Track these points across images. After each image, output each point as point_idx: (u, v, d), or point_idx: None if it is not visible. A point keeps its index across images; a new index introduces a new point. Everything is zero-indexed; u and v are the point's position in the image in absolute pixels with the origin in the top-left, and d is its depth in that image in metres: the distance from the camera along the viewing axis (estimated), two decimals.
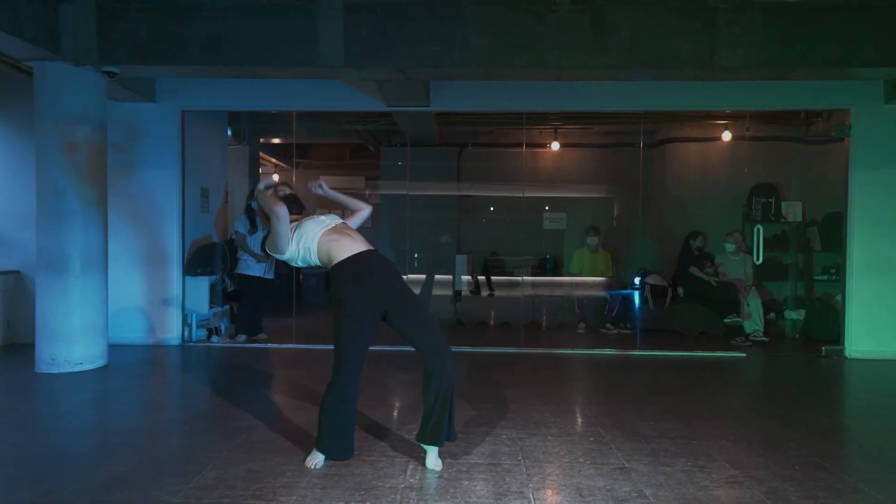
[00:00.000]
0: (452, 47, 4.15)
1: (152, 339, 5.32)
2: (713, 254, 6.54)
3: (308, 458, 2.48)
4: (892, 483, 2.39)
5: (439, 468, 2.40)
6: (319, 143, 9.88)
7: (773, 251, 6.75)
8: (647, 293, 6.61)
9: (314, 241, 2.48)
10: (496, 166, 7.45)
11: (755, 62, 4.06)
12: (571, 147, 7.73)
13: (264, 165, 9.32)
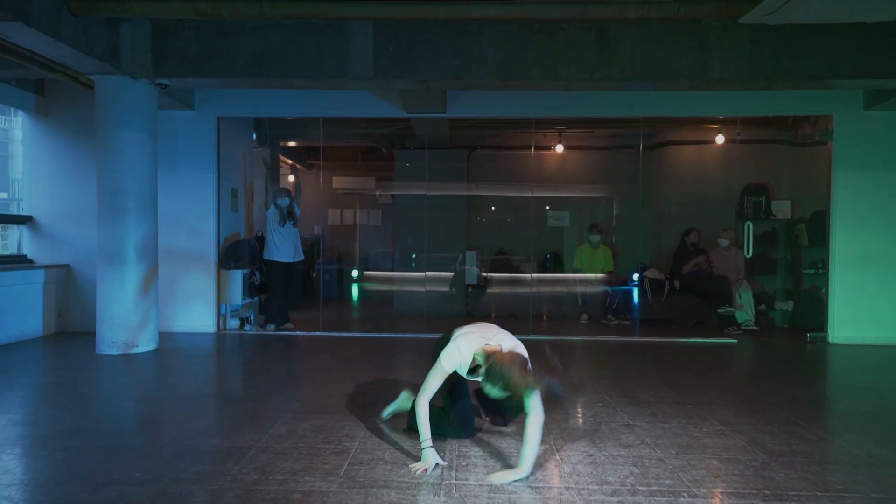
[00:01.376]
0: (471, 61, 4.61)
1: (190, 327, 5.77)
2: (707, 250, 7.01)
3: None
4: (856, 435, 2.84)
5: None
6: (332, 146, 10.35)
7: (764, 247, 7.24)
8: (646, 286, 7.08)
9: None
10: (504, 167, 7.93)
11: (745, 75, 4.53)
12: (575, 150, 8.19)
13: (282, 166, 9.80)
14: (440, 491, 2.13)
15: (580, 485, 2.18)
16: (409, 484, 2.18)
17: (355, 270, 9.96)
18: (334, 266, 10.07)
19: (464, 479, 2.23)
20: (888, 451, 2.63)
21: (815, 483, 2.23)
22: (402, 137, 8.00)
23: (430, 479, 2.21)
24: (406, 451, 2.51)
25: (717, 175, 7.48)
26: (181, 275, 5.82)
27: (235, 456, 2.45)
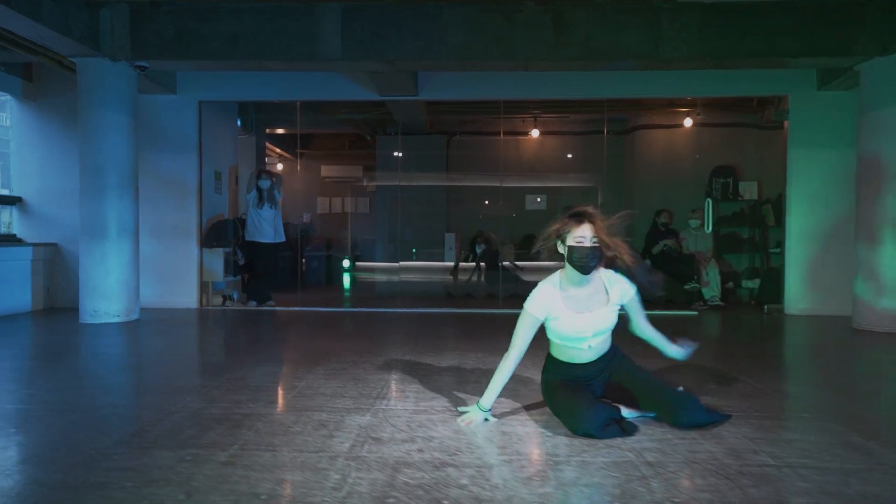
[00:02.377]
0: (433, 43, 4.83)
1: (173, 303, 6.02)
2: (678, 230, 7.23)
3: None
4: (788, 384, 3.07)
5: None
6: (320, 134, 10.58)
7: (732, 227, 7.45)
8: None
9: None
10: (482, 153, 8.15)
11: (694, 54, 4.74)
12: (550, 135, 8.40)
13: (269, 156, 10.04)
14: (367, 413, 2.37)
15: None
16: (343, 409, 2.42)
17: (347, 260, 10.13)
18: (323, 253, 10.29)
19: (393, 405, 2.47)
20: (792, 386, 2.86)
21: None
22: (382, 123, 8.23)
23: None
24: (347, 388, 2.75)
25: (688, 158, 7.69)
26: (165, 253, 6.07)
27: (189, 392, 2.69)
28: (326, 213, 11.09)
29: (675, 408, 2.10)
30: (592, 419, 2.03)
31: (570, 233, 2.17)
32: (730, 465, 1.84)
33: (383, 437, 2.07)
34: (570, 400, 2.13)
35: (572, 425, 2.08)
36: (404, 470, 1.78)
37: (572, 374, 2.25)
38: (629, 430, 2.09)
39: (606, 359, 2.29)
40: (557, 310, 2.19)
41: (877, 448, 2.01)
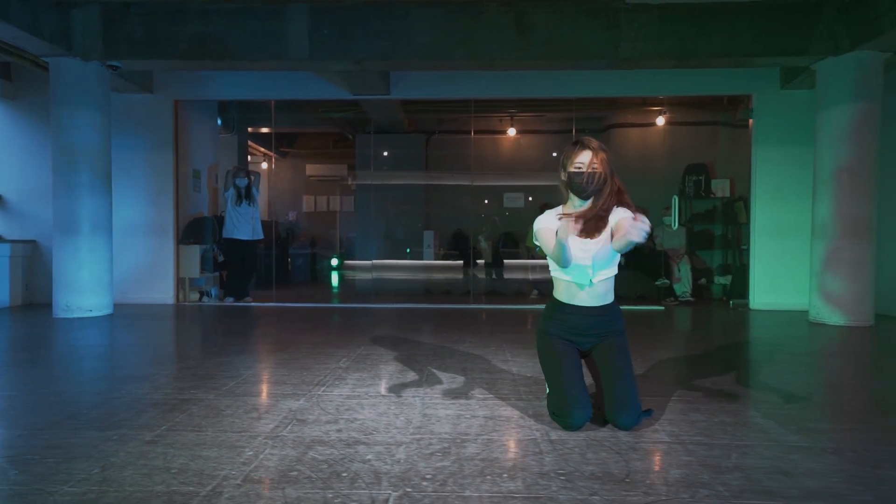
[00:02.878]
0: (400, 43, 4.93)
1: (150, 299, 6.12)
2: (652, 226, 7.33)
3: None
4: (718, 372, 3.18)
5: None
6: (304, 133, 10.69)
7: (705, 224, 7.56)
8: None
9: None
10: (460, 152, 8.25)
11: (653, 54, 4.85)
12: (526, 133, 8.50)
13: (254, 154, 10.14)
14: (301, 398, 2.47)
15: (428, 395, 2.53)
16: (280, 394, 2.53)
17: (335, 258, 10.19)
18: (308, 250, 10.37)
19: (329, 391, 2.58)
20: (721, 374, 2.97)
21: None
22: (361, 122, 8.33)
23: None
24: (291, 376, 2.86)
25: (662, 156, 7.79)
26: (141, 249, 6.17)
27: (138, 380, 2.79)
28: (312, 211, 11.20)
29: (618, 409, 2.07)
30: (576, 419, 2.05)
31: (570, 160, 2.20)
32: (626, 442, 1.94)
33: (309, 419, 2.17)
34: (561, 384, 2.11)
35: (557, 413, 2.10)
36: (317, 447, 1.89)
37: (571, 325, 2.21)
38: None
39: (605, 316, 2.22)
40: (555, 223, 2.17)
41: (773, 426, 2.11)
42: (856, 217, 4.78)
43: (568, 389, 2.12)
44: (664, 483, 1.63)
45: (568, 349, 2.22)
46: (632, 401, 2.10)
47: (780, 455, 1.84)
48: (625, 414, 2.07)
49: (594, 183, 2.18)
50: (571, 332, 2.23)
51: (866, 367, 3.46)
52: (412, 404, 2.39)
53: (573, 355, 2.21)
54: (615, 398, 2.10)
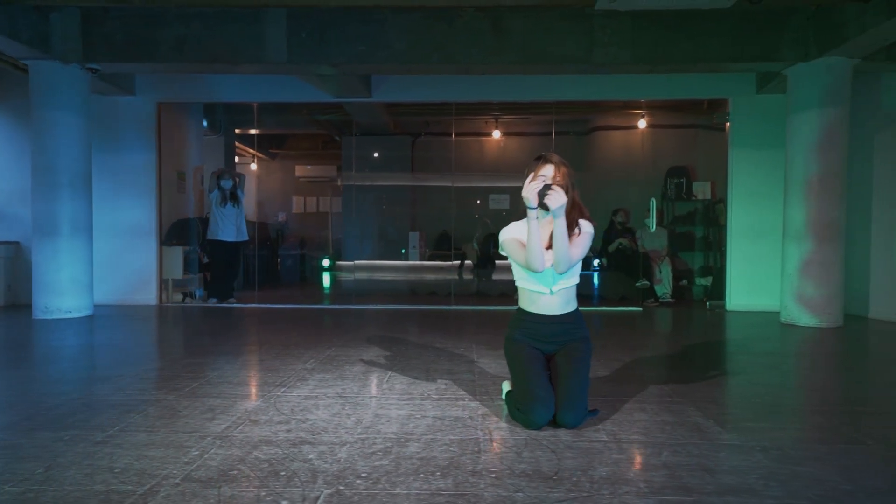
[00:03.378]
0: (377, 47, 4.99)
1: (133, 300, 6.16)
2: (635, 228, 7.41)
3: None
4: (674, 373, 3.25)
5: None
6: (293, 134, 10.74)
7: (687, 226, 7.63)
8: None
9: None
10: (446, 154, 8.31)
11: (627, 59, 4.91)
12: (511, 136, 8.57)
13: (242, 155, 10.18)
14: (259, 399, 2.53)
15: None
16: (238, 395, 2.58)
17: (326, 259, 10.20)
18: (297, 251, 10.40)
19: (289, 392, 2.63)
20: (677, 374, 3.03)
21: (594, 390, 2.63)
22: (348, 125, 8.39)
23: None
24: (254, 377, 2.91)
25: (644, 158, 7.86)
26: (124, 250, 6.20)
27: (102, 381, 2.85)
28: (302, 212, 11.25)
29: (564, 408, 2.13)
30: (538, 416, 2.09)
31: (534, 173, 2.30)
32: (564, 441, 2.00)
33: (261, 420, 2.23)
34: (526, 382, 2.17)
35: (520, 412, 2.15)
36: (263, 447, 1.94)
37: (535, 332, 2.29)
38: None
39: (568, 324, 2.31)
40: (521, 233, 2.28)
41: (712, 427, 2.17)
42: (825, 220, 4.85)
43: (533, 388, 2.19)
44: (589, 480, 1.69)
45: (534, 353, 2.31)
46: (578, 401, 2.16)
47: (708, 453, 1.90)
48: (569, 413, 2.13)
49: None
50: (536, 339, 2.33)
51: (824, 368, 3.53)
52: (367, 405, 2.45)
53: (539, 359, 2.30)
54: (565, 397, 2.17)
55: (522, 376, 2.25)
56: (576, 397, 2.16)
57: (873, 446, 1.99)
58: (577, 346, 2.31)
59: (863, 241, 5.53)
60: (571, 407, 2.14)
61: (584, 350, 2.32)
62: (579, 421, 2.15)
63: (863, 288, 5.51)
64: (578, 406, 2.15)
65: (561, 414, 2.14)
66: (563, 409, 2.14)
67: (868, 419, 2.31)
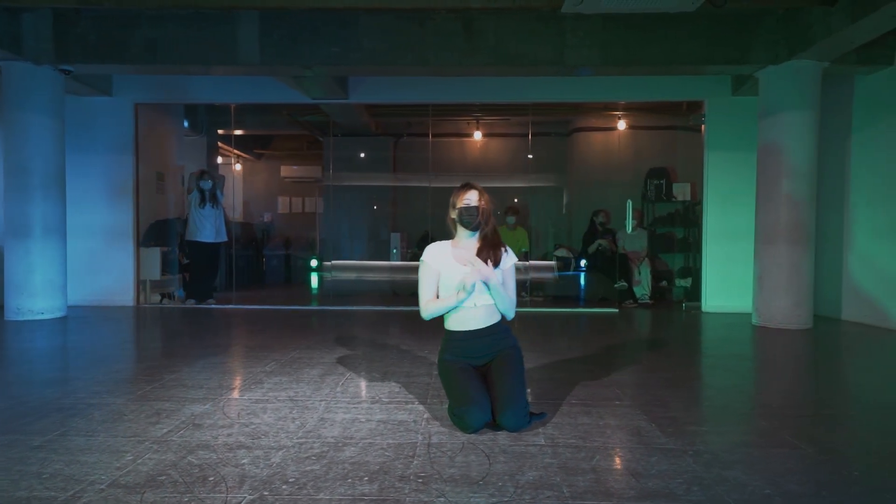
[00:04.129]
0: (349, 49, 4.99)
1: (110, 301, 6.14)
2: (615, 230, 7.43)
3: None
4: (630, 376, 3.26)
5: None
6: (279, 135, 10.72)
7: (667, 227, 7.66)
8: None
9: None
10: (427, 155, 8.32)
11: (597, 60, 4.93)
12: (492, 137, 8.58)
13: (226, 156, 10.16)
14: (209, 402, 2.53)
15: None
16: (189, 399, 2.58)
17: (314, 259, 10.16)
18: (282, 252, 10.36)
19: (240, 395, 2.63)
20: (633, 377, 3.04)
21: (546, 393, 2.64)
22: (329, 126, 8.38)
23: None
24: (211, 380, 2.91)
25: (624, 160, 7.89)
26: (101, 251, 6.19)
27: (57, 384, 2.84)
28: (287, 212, 11.23)
29: (504, 409, 2.14)
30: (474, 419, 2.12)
31: (460, 198, 2.45)
32: (501, 446, 2.01)
33: (205, 424, 2.23)
34: (460, 386, 2.22)
35: (457, 417, 2.18)
36: (199, 452, 1.94)
37: (464, 350, 2.35)
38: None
39: (494, 336, 2.37)
40: (446, 260, 2.41)
41: (652, 430, 2.19)
42: (795, 223, 4.88)
43: (467, 390, 2.22)
44: (515, 485, 1.70)
45: (465, 366, 2.37)
46: (515, 401, 2.18)
47: (641, 457, 1.92)
48: (509, 413, 2.15)
49: (483, 216, 2.43)
50: (466, 356, 2.39)
51: (782, 371, 3.55)
52: (315, 408, 2.46)
53: (470, 370, 2.36)
54: (501, 399, 2.19)
55: (456, 384, 2.28)
56: (513, 398, 2.18)
57: (806, 450, 2.01)
58: (507, 353, 2.38)
59: (835, 242, 5.57)
60: (509, 407, 2.15)
61: (516, 356, 2.38)
62: (521, 422, 2.17)
63: (835, 290, 5.55)
64: (517, 407, 2.17)
65: (501, 416, 2.15)
66: (502, 411, 2.15)
67: (809, 423, 2.33)
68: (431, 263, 2.41)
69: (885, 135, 5.05)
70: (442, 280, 2.41)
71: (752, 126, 5.79)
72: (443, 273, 2.41)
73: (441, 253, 2.43)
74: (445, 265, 2.41)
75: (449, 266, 2.40)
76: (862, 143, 5.35)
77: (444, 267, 2.41)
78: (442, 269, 2.41)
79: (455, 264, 2.40)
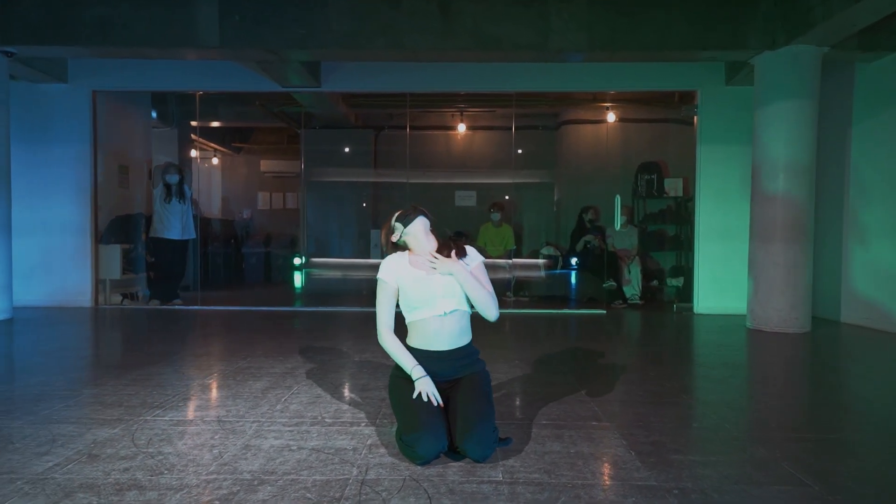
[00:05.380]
0: (317, 30, 4.63)
1: (66, 302, 5.76)
2: (605, 227, 7.11)
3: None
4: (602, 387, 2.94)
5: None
6: (258, 128, 10.32)
7: (658, 224, 7.35)
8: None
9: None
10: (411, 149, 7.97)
11: (583, 45, 4.59)
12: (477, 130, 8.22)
13: (204, 150, 9.75)
14: (119, 425, 2.18)
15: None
16: (100, 421, 2.23)
17: (298, 257, 9.77)
18: (262, 249, 9.98)
19: (160, 416, 2.28)
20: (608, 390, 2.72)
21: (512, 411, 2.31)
22: (306, 118, 8.00)
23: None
24: (135, 397, 2.56)
25: (614, 154, 7.57)
26: (56, 248, 5.81)
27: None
28: (268, 208, 10.84)
29: (467, 435, 1.81)
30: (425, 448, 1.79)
31: (403, 220, 2.13)
32: (449, 483, 1.67)
33: (103, 455, 1.88)
34: (410, 410, 1.90)
35: (406, 446, 1.84)
36: (77, 495, 1.59)
37: (425, 369, 2.03)
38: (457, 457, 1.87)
39: (461, 360, 2.07)
40: (405, 271, 2.11)
41: (631, 461, 1.85)
42: (793, 220, 4.57)
43: (418, 414, 1.88)
44: None
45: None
46: (485, 426, 1.85)
47: (615, 499, 1.58)
48: (475, 440, 1.81)
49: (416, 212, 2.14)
50: (430, 372, 2.03)
51: (781, 382, 3.23)
52: (242, 432, 2.11)
53: (428, 405, 1.95)
54: (465, 421, 1.86)
55: (406, 405, 1.94)
56: (480, 421, 1.85)
57: (812, 488, 1.69)
58: (473, 377, 2.05)
59: (834, 240, 5.27)
60: (476, 432, 1.82)
61: (483, 378, 2.05)
62: (488, 450, 1.84)
63: (834, 291, 5.26)
64: (484, 431, 1.84)
65: (465, 442, 1.82)
66: (467, 433, 1.82)
67: (814, 450, 2.01)
68: (388, 280, 2.11)
69: (888, 127, 4.75)
70: (401, 295, 2.09)
71: (746, 118, 5.47)
72: (401, 286, 2.09)
73: (397, 265, 2.12)
74: (403, 275, 2.09)
75: (406, 275, 2.08)
76: (862, 135, 5.04)
77: (402, 278, 2.08)
78: (400, 282, 2.09)
79: (413, 271, 2.08)
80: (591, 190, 7.50)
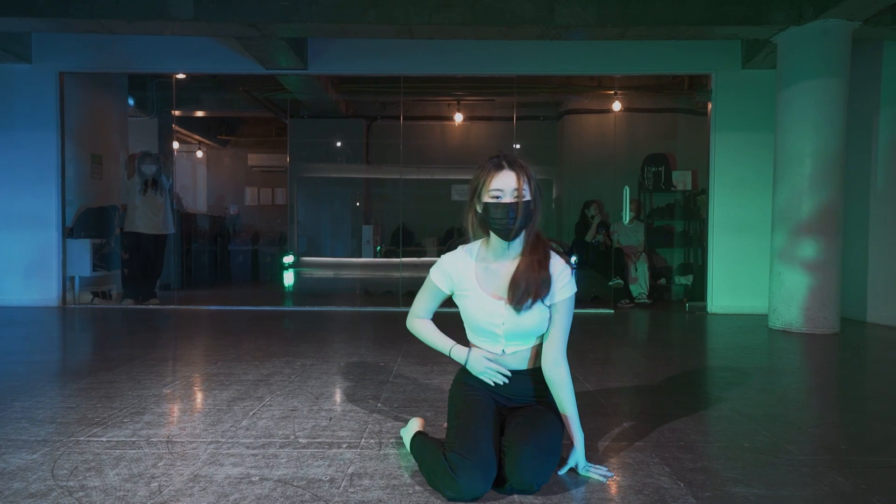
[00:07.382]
0: (302, 3, 4.22)
1: (29, 301, 5.32)
2: (609, 222, 6.74)
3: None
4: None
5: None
6: (245, 119, 9.88)
7: (665, 219, 6.99)
8: None
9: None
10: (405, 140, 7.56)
11: (592, 19, 4.21)
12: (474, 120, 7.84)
13: (188, 141, 9.31)
14: (47, 446, 1.77)
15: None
16: (28, 442, 1.81)
17: (289, 255, 9.35)
18: (249, 247, 9.55)
19: (102, 434, 1.87)
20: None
21: None
22: (294, 106, 7.58)
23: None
24: (78, 410, 2.15)
25: (620, 145, 7.20)
26: (19, 243, 5.36)
27: None
28: (256, 204, 10.41)
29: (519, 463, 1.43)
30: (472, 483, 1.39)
31: (487, 182, 1.59)
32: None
33: (7, 491, 1.46)
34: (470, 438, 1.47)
35: (442, 473, 1.43)
36: None
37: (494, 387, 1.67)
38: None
39: (535, 378, 1.67)
40: (467, 280, 1.66)
41: (681, 494, 1.46)
42: (821, 211, 4.20)
43: (474, 439, 1.47)
44: None
45: (485, 400, 1.65)
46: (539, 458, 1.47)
47: None
48: (527, 470, 1.43)
49: (525, 219, 1.58)
50: (492, 390, 1.68)
51: (831, 391, 2.85)
52: (194, 457, 1.70)
53: (490, 408, 1.63)
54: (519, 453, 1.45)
55: (465, 421, 1.54)
56: (537, 452, 1.47)
57: None
58: (542, 408, 1.65)
59: (860, 236, 4.91)
60: (530, 463, 1.44)
61: (553, 414, 1.64)
62: (538, 480, 1.46)
63: (860, 289, 4.90)
64: (539, 461, 1.46)
65: (516, 471, 1.43)
66: (519, 466, 1.43)
67: None
68: (440, 286, 1.70)
69: None
70: (463, 312, 1.69)
71: (763, 104, 5.12)
72: (457, 298, 1.69)
73: (462, 270, 1.66)
74: (465, 289, 1.66)
75: (469, 290, 1.65)
76: (890, 120, 4.69)
77: (463, 293, 1.67)
78: (457, 294, 1.69)
79: (482, 294, 1.63)
80: (595, 183, 7.12)
